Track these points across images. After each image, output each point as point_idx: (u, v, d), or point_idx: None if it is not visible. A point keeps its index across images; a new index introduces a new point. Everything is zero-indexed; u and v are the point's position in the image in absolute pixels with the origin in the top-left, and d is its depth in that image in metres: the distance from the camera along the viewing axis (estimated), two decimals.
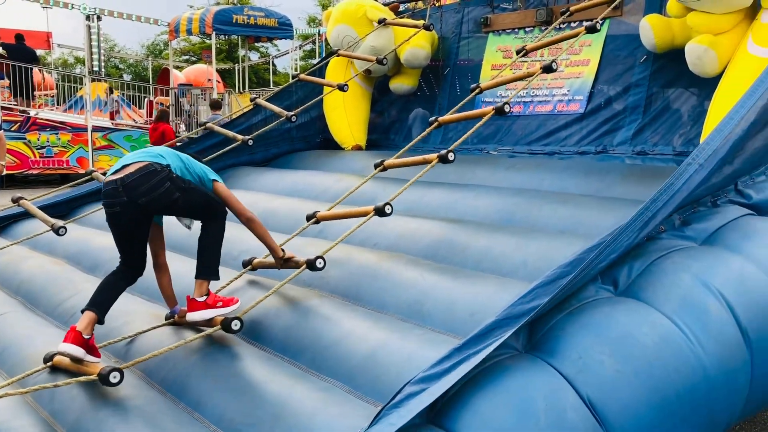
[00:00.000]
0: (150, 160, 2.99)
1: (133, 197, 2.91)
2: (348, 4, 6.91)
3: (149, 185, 2.91)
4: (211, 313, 3.06)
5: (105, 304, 3.05)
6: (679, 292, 2.62)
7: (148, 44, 36.76)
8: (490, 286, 2.93)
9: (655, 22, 4.86)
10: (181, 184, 3.01)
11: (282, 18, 14.92)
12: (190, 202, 3.06)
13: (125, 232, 3.09)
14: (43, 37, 21.52)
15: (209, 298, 3.08)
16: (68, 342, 2.88)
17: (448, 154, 3.45)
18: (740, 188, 3.48)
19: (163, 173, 2.95)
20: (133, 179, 2.92)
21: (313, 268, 3.16)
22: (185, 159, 3.17)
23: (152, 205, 2.96)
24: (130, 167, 2.97)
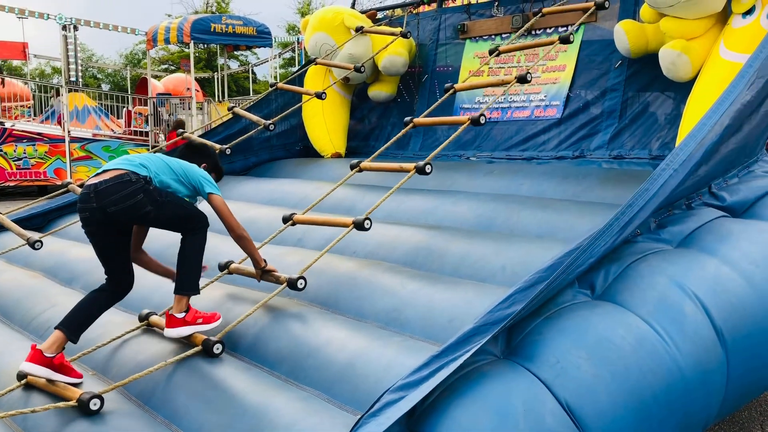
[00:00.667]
0: (128, 168, 2.90)
1: (103, 204, 2.83)
2: (325, 12, 6.92)
3: (120, 195, 2.82)
4: (190, 329, 2.98)
5: (78, 323, 2.96)
6: (654, 294, 2.64)
7: (127, 54, 36.53)
8: (468, 292, 2.93)
9: (629, 28, 4.91)
10: (157, 197, 2.89)
11: (260, 26, 14.89)
12: (165, 216, 2.95)
13: (98, 241, 2.99)
14: (19, 47, 21.28)
15: (189, 314, 3.00)
16: (29, 361, 2.80)
17: (426, 166, 3.43)
18: (714, 191, 3.53)
19: (137, 184, 2.85)
20: (105, 186, 2.84)
21: (294, 287, 3.13)
22: (179, 168, 3.06)
23: (121, 216, 2.86)
24: (107, 173, 2.90)
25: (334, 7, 7.08)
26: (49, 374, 2.80)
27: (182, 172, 3.07)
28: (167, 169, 3.03)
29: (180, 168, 3.07)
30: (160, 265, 3.37)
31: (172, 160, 3.11)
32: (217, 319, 3.08)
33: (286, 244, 4.09)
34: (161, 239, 3.74)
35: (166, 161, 3.07)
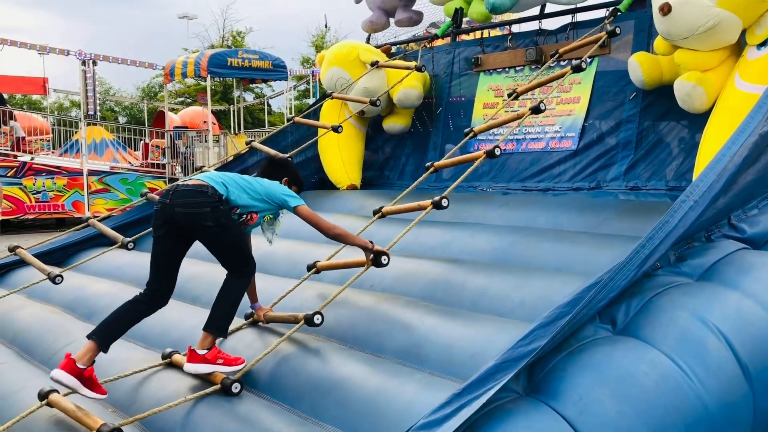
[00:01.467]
0: (210, 183, 3.07)
1: (175, 203, 3.01)
2: (341, 47, 7.01)
3: (191, 200, 3.00)
4: (209, 368, 3.03)
5: (111, 333, 3.03)
6: (677, 329, 2.62)
7: (143, 87, 37.12)
8: (488, 328, 2.92)
9: (643, 60, 4.94)
10: (222, 218, 3.04)
11: (276, 60, 15.10)
12: (222, 240, 3.09)
13: (159, 241, 3.11)
14: (39, 82, 21.71)
15: (211, 352, 3.04)
16: (61, 368, 2.87)
17: (442, 200, 3.47)
18: (733, 222, 3.51)
19: (210, 198, 3.01)
20: (184, 189, 3.05)
21: (311, 323, 3.13)
22: (262, 189, 3.22)
23: (183, 219, 3.01)
24: (192, 181, 3.11)
25: (349, 42, 7.18)
26: (77, 386, 2.87)
27: (265, 192, 3.23)
28: (250, 189, 3.18)
29: (262, 189, 3.24)
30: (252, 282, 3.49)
31: (254, 181, 3.27)
32: (240, 363, 3.07)
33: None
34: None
35: (249, 182, 3.23)
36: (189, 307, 4.08)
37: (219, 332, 3.13)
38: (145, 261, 5.16)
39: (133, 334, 3.76)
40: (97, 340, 2.97)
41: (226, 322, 3.18)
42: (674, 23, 4.35)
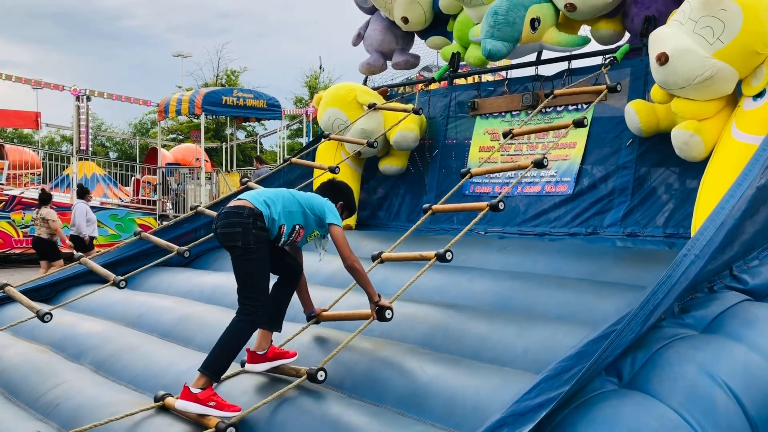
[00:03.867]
0: (251, 202, 3.24)
1: (219, 224, 3.25)
2: (338, 88, 7.05)
3: (228, 220, 3.21)
4: (199, 408, 2.98)
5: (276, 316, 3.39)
6: (684, 384, 2.57)
7: (136, 123, 37.20)
8: (491, 378, 2.86)
9: (639, 108, 4.98)
10: (252, 241, 3.16)
11: (271, 99, 15.18)
12: (246, 263, 3.20)
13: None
14: (32, 116, 21.71)
15: (204, 392, 3.01)
16: (250, 363, 3.30)
17: (446, 253, 3.45)
18: (735, 273, 3.50)
19: (244, 219, 3.16)
20: (227, 210, 3.26)
21: (314, 380, 3.04)
22: (306, 201, 3.37)
23: (221, 237, 3.24)
24: (234, 202, 3.29)
25: (346, 84, 7.22)
26: (271, 365, 3.28)
27: (307, 203, 3.38)
28: (295, 202, 3.35)
29: (305, 200, 3.39)
30: (305, 291, 3.66)
31: (301, 195, 3.43)
32: (234, 410, 3.00)
33: (301, 320, 4.02)
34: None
35: (296, 196, 3.40)
36: (182, 349, 3.98)
37: (212, 375, 3.09)
38: (136, 299, 5.11)
39: (122, 376, 3.68)
40: (265, 326, 3.32)
41: (223, 366, 3.16)
42: (671, 73, 4.40)
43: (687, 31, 4.36)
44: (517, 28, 5.51)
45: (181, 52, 26.72)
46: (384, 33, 7.47)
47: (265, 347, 3.34)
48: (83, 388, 3.53)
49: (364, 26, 7.71)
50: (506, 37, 5.53)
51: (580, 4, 5.46)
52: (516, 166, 4.15)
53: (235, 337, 3.15)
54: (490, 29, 5.52)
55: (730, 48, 4.21)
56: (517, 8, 5.51)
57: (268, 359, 3.32)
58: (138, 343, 4.05)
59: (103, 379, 3.74)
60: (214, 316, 4.33)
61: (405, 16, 6.97)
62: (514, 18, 5.49)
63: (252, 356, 3.31)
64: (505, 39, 5.53)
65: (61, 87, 15.28)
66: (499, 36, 5.52)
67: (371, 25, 7.60)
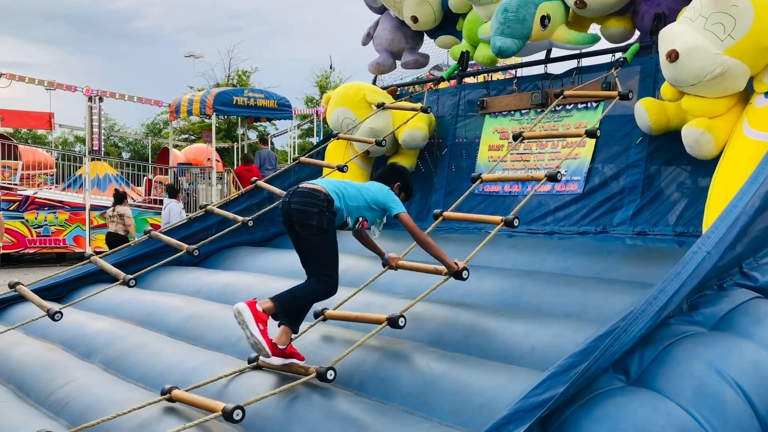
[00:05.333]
0: (326, 188, 3.46)
1: (292, 201, 3.42)
2: (347, 88, 7.05)
3: (304, 200, 3.39)
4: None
5: (296, 318, 3.45)
6: (692, 381, 2.55)
7: (148, 123, 37.39)
8: (498, 375, 2.85)
9: (649, 106, 4.95)
10: (325, 223, 3.37)
11: (281, 99, 15.20)
12: (318, 242, 3.41)
13: (289, 235, 3.54)
14: (45, 117, 21.88)
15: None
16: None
17: (463, 271, 3.55)
18: (745, 270, 3.46)
19: (320, 203, 3.38)
20: (302, 190, 3.44)
21: (323, 379, 3.06)
22: (369, 196, 3.57)
23: (295, 214, 3.40)
24: (312, 184, 3.50)
25: (355, 84, 7.23)
26: (285, 362, 3.32)
27: (372, 199, 3.57)
28: (360, 199, 3.53)
29: (370, 196, 3.57)
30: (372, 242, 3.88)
31: (364, 188, 3.62)
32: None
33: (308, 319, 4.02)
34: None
35: (360, 190, 3.58)
36: (190, 347, 4.00)
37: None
38: (146, 298, 5.14)
39: (131, 374, 3.70)
40: (289, 324, 3.40)
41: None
42: (682, 70, 4.37)
43: (698, 28, 4.32)
44: (527, 26, 5.49)
45: (193, 52, 26.83)
46: (393, 32, 7.47)
47: (285, 343, 3.35)
48: (92, 386, 3.56)
49: (373, 26, 7.71)
50: (516, 35, 5.51)
51: (590, 2, 5.43)
52: (528, 177, 4.13)
53: (310, 293, 3.44)
54: (500, 26, 5.50)
55: (742, 44, 4.18)
56: (527, 5, 5.49)
57: (285, 356, 3.34)
58: (147, 342, 4.07)
59: (112, 377, 3.76)
60: (224, 315, 4.34)
61: (414, 15, 6.96)
62: (524, 15, 5.47)
63: (273, 348, 3.31)
64: (515, 36, 5.51)
65: (73, 88, 15.38)
66: (509, 33, 5.50)
67: (380, 25, 7.60)
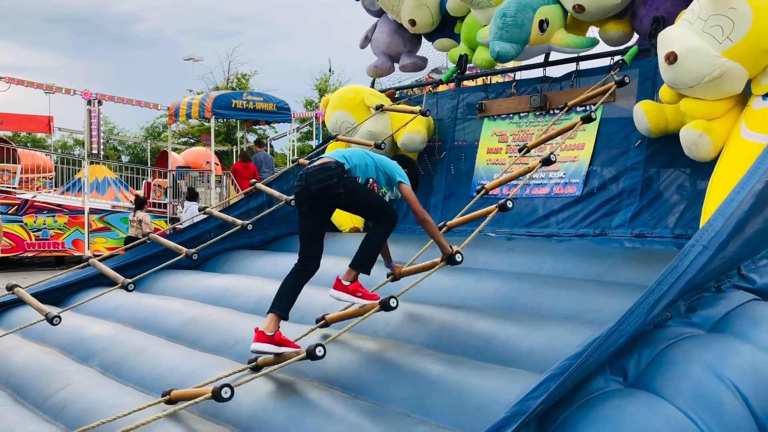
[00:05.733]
0: (334, 158, 3.57)
1: (308, 183, 3.53)
2: (346, 91, 7.06)
3: (320, 176, 3.50)
4: (348, 297, 3.53)
5: (286, 301, 3.49)
6: (690, 383, 2.55)
7: (147, 126, 37.38)
8: (496, 378, 2.84)
9: (648, 108, 4.95)
10: (348, 183, 3.53)
11: (281, 103, 15.20)
12: (355, 200, 3.60)
13: (304, 219, 3.62)
14: (44, 121, 21.89)
15: (353, 285, 3.55)
16: (256, 341, 3.31)
17: (456, 255, 3.62)
18: (743, 272, 3.46)
19: (335, 170, 3.50)
20: (313, 170, 3.56)
21: (313, 357, 3.06)
22: (379, 160, 3.71)
23: (320, 194, 3.52)
24: (319, 161, 3.61)
25: (354, 87, 7.23)
26: (274, 349, 3.30)
27: (381, 163, 3.71)
28: (369, 159, 3.66)
29: (379, 160, 3.72)
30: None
31: (374, 154, 3.77)
32: (376, 298, 3.49)
33: (306, 321, 4.02)
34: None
35: (370, 155, 3.72)
36: (188, 350, 4.00)
37: (362, 269, 3.59)
38: (144, 302, 5.13)
39: (130, 378, 3.70)
40: (277, 311, 3.42)
41: (370, 261, 3.62)
42: (680, 72, 4.37)
43: (696, 31, 4.33)
44: (525, 30, 5.50)
45: (192, 55, 26.82)
46: (391, 35, 7.48)
47: (273, 330, 3.36)
48: (90, 390, 3.55)
49: (371, 29, 7.72)
50: (515, 39, 5.51)
51: (588, 6, 5.44)
52: (526, 169, 4.13)
53: (377, 236, 3.63)
54: (499, 31, 5.51)
55: (740, 47, 4.19)
56: (525, 10, 5.50)
57: (275, 343, 3.34)
58: (145, 345, 4.07)
59: (110, 381, 3.75)
60: (222, 318, 4.35)
61: (412, 19, 6.97)
62: (522, 20, 5.48)
63: (260, 335, 3.34)
64: (514, 41, 5.52)
65: (72, 91, 15.38)
66: (507, 38, 5.51)
67: (378, 28, 7.61)
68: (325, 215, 3.76)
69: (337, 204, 3.69)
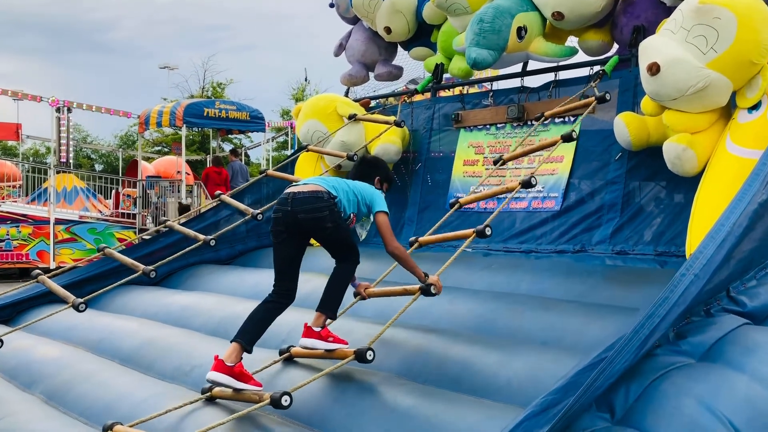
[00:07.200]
0: (325, 187, 3.41)
1: (296, 210, 3.33)
2: (318, 99, 6.83)
3: (311, 206, 3.33)
4: (320, 344, 3.28)
5: (253, 334, 3.26)
6: (683, 420, 2.34)
7: (121, 135, 36.76)
8: (472, 413, 2.61)
9: (629, 120, 4.78)
10: (338, 219, 3.39)
11: (254, 111, 14.92)
12: (337, 238, 3.44)
13: (281, 245, 3.40)
14: (12, 128, 21.33)
15: (323, 330, 3.33)
16: (213, 370, 3.08)
17: (431, 287, 3.36)
18: (732, 294, 3.28)
19: (327, 202, 3.35)
20: (302, 196, 3.36)
21: (278, 405, 2.76)
22: (359, 193, 3.55)
23: (306, 223, 3.34)
24: (307, 186, 3.44)
25: (326, 95, 7.01)
26: (231, 382, 3.06)
27: (361, 195, 3.56)
28: (351, 194, 3.52)
29: (360, 192, 3.56)
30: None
31: (355, 186, 3.60)
32: (345, 343, 3.30)
33: (269, 346, 3.76)
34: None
35: (351, 186, 3.57)
36: (141, 377, 3.71)
37: (329, 312, 3.41)
38: (100, 321, 4.82)
39: (74, 407, 3.41)
40: (242, 342, 3.20)
41: (336, 304, 3.47)
42: (663, 84, 4.20)
43: (679, 41, 4.17)
44: (503, 37, 5.31)
45: (168, 64, 26.42)
46: (366, 43, 7.26)
47: (234, 361, 3.13)
48: (31, 422, 3.24)
49: (346, 36, 7.50)
50: (492, 46, 5.32)
51: (568, 13, 5.27)
52: (504, 189, 3.92)
53: (342, 278, 3.50)
54: (476, 37, 5.31)
55: (724, 58, 4.03)
56: (503, 16, 5.31)
57: (234, 375, 3.09)
58: (94, 371, 3.77)
59: (53, 411, 3.44)
60: (179, 341, 4.07)
61: (388, 26, 6.76)
62: (500, 26, 5.29)
63: (219, 364, 3.10)
64: (491, 47, 5.32)
65: (39, 98, 14.96)
66: (484, 44, 5.31)
67: (353, 36, 7.40)
68: (304, 245, 3.53)
69: (318, 236, 3.50)
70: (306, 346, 3.32)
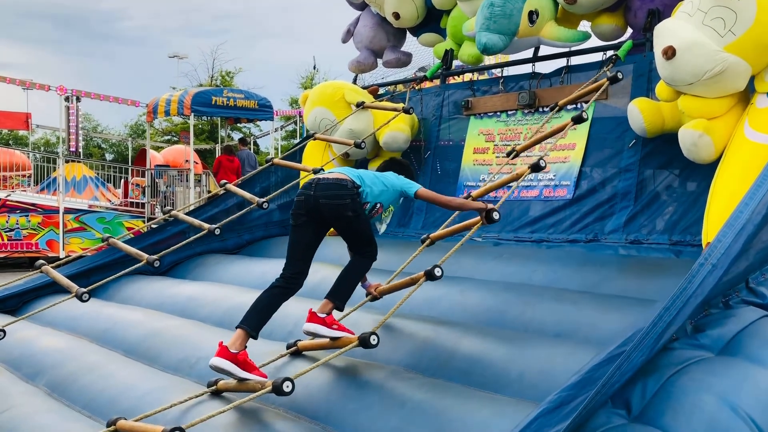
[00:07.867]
0: (350, 176, 3.44)
1: (318, 195, 3.34)
2: (325, 86, 6.73)
3: (334, 192, 3.35)
4: (324, 330, 3.23)
5: (258, 320, 3.21)
6: (703, 417, 2.25)
7: (131, 124, 36.78)
8: (483, 408, 2.52)
9: (644, 106, 4.66)
10: (359, 208, 3.39)
11: (262, 100, 14.81)
12: (356, 227, 3.43)
13: (299, 229, 3.39)
14: (22, 117, 21.35)
15: (328, 317, 3.29)
16: (217, 356, 3.02)
17: (435, 269, 3.24)
18: (752, 286, 3.18)
19: (350, 191, 3.36)
20: (327, 182, 3.39)
21: (280, 392, 2.68)
22: (388, 181, 3.58)
23: (326, 209, 3.33)
24: (333, 174, 3.48)
25: (334, 82, 6.91)
26: (235, 369, 3.00)
27: (390, 183, 3.59)
28: (380, 184, 3.54)
29: (387, 180, 3.59)
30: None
31: (384, 176, 3.64)
32: (351, 333, 3.24)
33: (275, 338, 3.69)
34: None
35: (376, 175, 3.61)
36: (145, 369, 3.65)
37: (337, 302, 3.38)
38: (105, 311, 4.77)
39: (77, 400, 3.35)
40: (247, 328, 3.15)
41: (346, 295, 3.44)
42: (678, 68, 4.08)
43: (696, 23, 4.04)
44: (514, 21, 5.19)
45: (177, 53, 26.36)
46: (374, 29, 7.15)
47: (238, 348, 3.08)
48: (32, 415, 3.19)
49: (353, 22, 7.39)
50: (503, 30, 5.20)
51: None
52: (514, 177, 3.81)
53: (357, 271, 3.49)
54: (486, 21, 5.19)
55: (743, 40, 3.90)
56: (514, 0, 5.19)
57: (237, 363, 3.03)
58: (99, 363, 3.71)
59: (55, 404, 3.38)
60: (185, 332, 4.01)
61: (396, 12, 6.65)
62: (511, 10, 5.16)
63: (223, 350, 3.05)
64: (502, 32, 5.20)
65: (47, 87, 14.94)
66: (495, 29, 5.19)
67: (361, 21, 7.28)
68: (322, 233, 3.50)
69: (337, 224, 3.46)
70: (309, 331, 3.28)
